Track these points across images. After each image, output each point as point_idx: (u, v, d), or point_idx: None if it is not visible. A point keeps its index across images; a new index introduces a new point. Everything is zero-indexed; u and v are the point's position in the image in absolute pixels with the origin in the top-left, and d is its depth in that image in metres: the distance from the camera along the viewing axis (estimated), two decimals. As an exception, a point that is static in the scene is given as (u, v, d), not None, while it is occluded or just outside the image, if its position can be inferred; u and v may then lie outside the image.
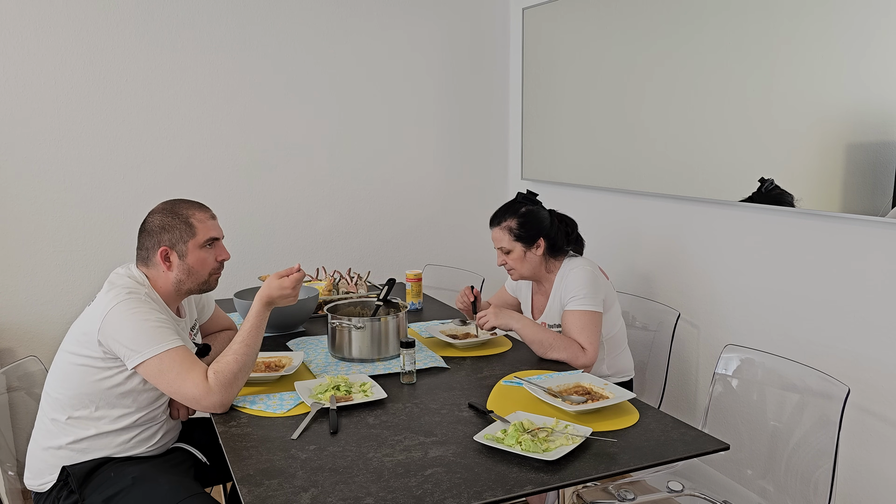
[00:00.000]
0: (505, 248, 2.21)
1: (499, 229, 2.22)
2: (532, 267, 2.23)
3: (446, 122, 3.53)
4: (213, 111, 3.07)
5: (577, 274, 2.17)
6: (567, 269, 2.22)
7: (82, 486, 1.68)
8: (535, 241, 2.20)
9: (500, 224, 2.22)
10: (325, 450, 1.49)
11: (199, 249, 1.77)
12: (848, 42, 1.98)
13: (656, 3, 2.61)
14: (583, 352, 2.05)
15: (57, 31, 2.78)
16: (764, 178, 2.04)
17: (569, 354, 2.04)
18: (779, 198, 2.23)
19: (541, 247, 2.21)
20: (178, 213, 1.77)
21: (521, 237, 2.19)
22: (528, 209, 2.22)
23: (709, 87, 2.43)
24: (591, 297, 2.12)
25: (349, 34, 3.25)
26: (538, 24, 3.31)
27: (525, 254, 2.21)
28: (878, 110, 1.93)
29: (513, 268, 2.23)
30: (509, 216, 2.21)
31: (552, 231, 2.23)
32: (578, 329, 2.09)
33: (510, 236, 2.20)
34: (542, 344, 2.06)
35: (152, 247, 1.76)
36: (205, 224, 1.79)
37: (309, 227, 3.33)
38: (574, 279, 2.16)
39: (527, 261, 2.21)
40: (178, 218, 1.76)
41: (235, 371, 1.66)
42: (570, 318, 2.12)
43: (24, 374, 2.00)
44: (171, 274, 1.76)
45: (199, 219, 1.78)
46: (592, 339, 2.07)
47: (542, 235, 2.20)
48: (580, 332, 2.08)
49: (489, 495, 1.30)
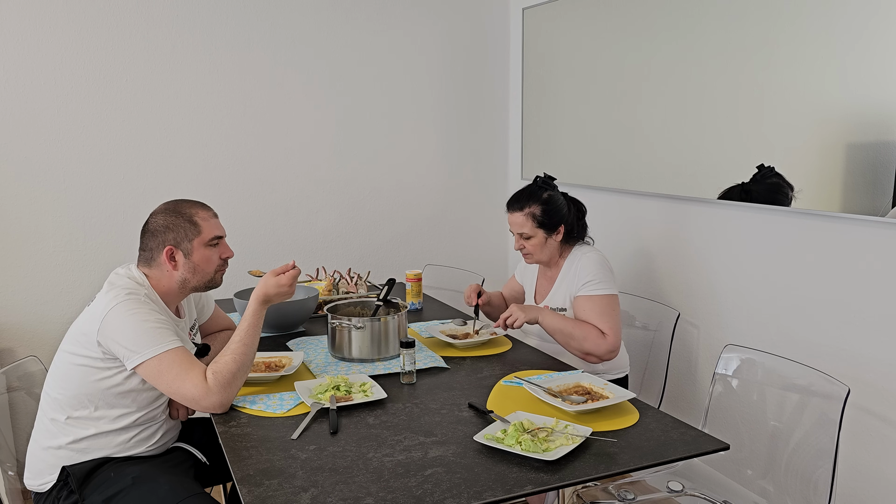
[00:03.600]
0: (526, 233, 2.21)
1: (521, 215, 2.21)
2: (550, 252, 2.24)
3: (446, 122, 3.53)
4: (213, 111, 3.07)
5: (589, 259, 2.18)
6: (578, 254, 2.24)
7: (82, 486, 1.68)
8: (557, 227, 2.22)
9: (522, 210, 2.21)
10: (325, 450, 1.49)
11: (205, 248, 1.78)
12: (848, 42, 1.98)
13: (656, 3, 2.61)
14: (603, 338, 2.07)
15: (57, 31, 2.78)
16: (763, 164, 2.03)
17: (591, 344, 2.06)
18: (775, 186, 2.22)
19: (560, 233, 2.23)
20: (181, 213, 1.78)
21: (543, 224, 2.20)
22: (549, 195, 2.23)
23: (709, 86, 2.43)
24: (607, 282, 2.14)
25: (349, 34, 3.25)
26: (538, 24, 3.31)
27: (546, 240, 2.22)
28: (878, 110, 1.93)
29: (530, 252, 2.24)
30: (533, 202, 2.21)
31: (570, 217, 2.25)
32: (597, 314, 2.10)
33: (533, 222, 2.20)
34: (563, 333, 2.08)
35: (156, 247, 1.76)
36: (209, 222, 1.80)
37: (309, 227, 3.33)
38: (587, 264, 2.17)
39: (547, 247, 2.23)
40: (182, 217, 1.77)
41: (234, 371, 1.66)
42: (587, 303, 2.13)
43: (24, 374, 2.00)
44: (176, 273, 1.77)
45: (202, 217, 1.79)
46: (612, 323, 2.10)
47: (562, 222, 2.22)
48: (599, 317, 2.10)
49: (489, 495, 1.30)
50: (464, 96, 3.54)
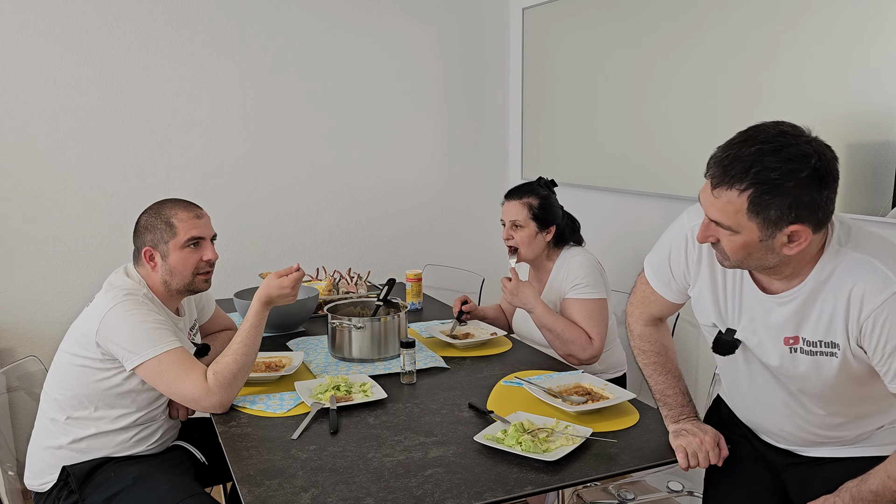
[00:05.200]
0: (518, 222, 2.21)
1: (518, 203, 2.21)
2: (536, 250, 2.24)
3: (446, 122, 3.53)
4: (213, 111, 3.07)
5: (579, 261, 2.18)
6: (567, 257, 2.24)
7: (82, 486, 1.68)
8: (549, 226, 2.22)
9: (520, 199, 2.21)
10: (326, 450, 1.49)
11: (181, 250, 1.75)
12: (848, 42, 1.98)
13: (657, 3, 2.61)
14: (590, 343, 2.08)
15: (57, 31, 2.77)
16: None
17: (577, 348, 2.07)
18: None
19: (551, 233, 2.23)
20: (160, 214, 1.76)
21: (537, 217, 2.20)
22: (548, 193, 2.24)
23: (709, 86, 2.43)
24: (595, 285, 2.14)
25: (349, 34, 3.25)
26: (538, 24, 3.31)
27: (536, 235, 2.21)
28: (878, 110, 1.93)
29: (517, 245, 2.23)
30: (532, 195, 2.21)
31: (562, 222, 2.26)
32: (585, 318, 2.11)
33: (528, 213, 2.20)
34: (552, 332, 2.08)
35: (140, 247, 1.77)
36: (186, 224, 1.75)
37: (309, 227, 3.33)
38: (576, 266, 2.17)
39: (535, 242, 2.22)
40: (160, 218, 1.75)
41: (235, 371, 1.66)
42: (576, 306, 2.13)
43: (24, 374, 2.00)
44: (155, 274, 1.76)
45: (181, 218, 1.75)
46: (600, 328, 2.10)
47: (555, 223, 2.22)
48: (587, 322, 2.10)
49: (489, 496, 1.30)
50: (464, 96, 3.54)
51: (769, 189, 1.18)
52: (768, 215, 1.20)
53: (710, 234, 1.30)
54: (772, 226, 1.21)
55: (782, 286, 1.33)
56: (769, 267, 1.29)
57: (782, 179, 1.17)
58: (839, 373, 1.32)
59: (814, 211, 1.20)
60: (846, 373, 1.32)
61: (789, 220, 1.20)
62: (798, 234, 1.21)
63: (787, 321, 1.34)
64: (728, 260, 1.31)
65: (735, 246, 1.26)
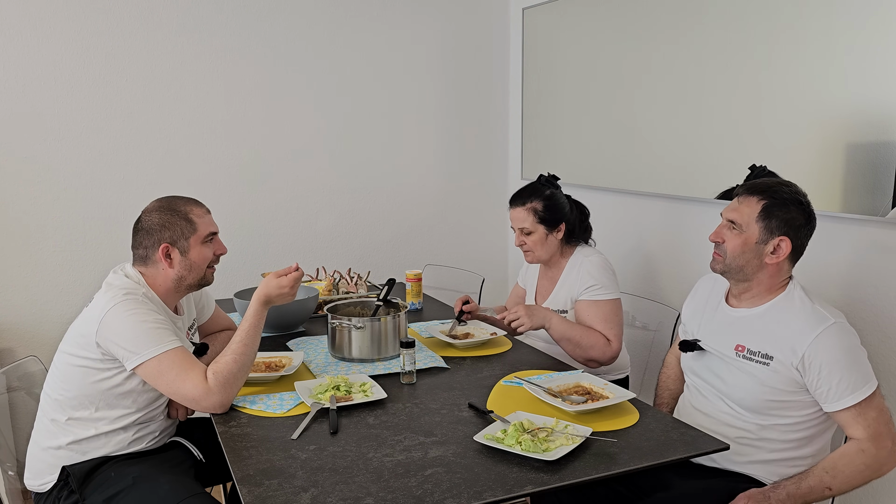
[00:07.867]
0: (527, 229, 2.21)
1: (523, 210, 2.21)
2: (550, 250, 2.24)
3: (446, 122, 3.53)
4: (213, 111, 3.07)
5: (592, 262, 2.19)
6: (581, 257, 2.23)
7: (82, 486, 1.68)
8: (558, 225, 2.22)
9: (524, 205, 2.21)
10: (325, 450, 1.49)
11: (201, 245, 1.78)
12: (848, 42, 1.98)
13: (656, 3, 2.61)
14: (608, 344, 2.10)
15: (57, 30, 2.78)
16: (755, 164, 2.03)
17: (597, 352, 2.09)
18: None
19: (561, 231, 2.23)
20: (176, 210, 1.77)
21: (545, 220, 2.20)
22: (552, 192, 2.23)
23: (709, 86, 2.43)
24: (609, 286, 2.16)
25: (349, 34, 3.25)
26: (538, 24, 3.31)
27: (546, 237, 2.22)
28: (878, 110, 1.93)
29: (531, 250, 2.23)
30: (535, 198, 2.21)
31: (571, 216, 2.25)
32: (601, 319, 2.12)
33: (534, 218, 2.20)
34: (571, 341, 2.09)
35: (152, 245, 1.76)
36: (203, 219, 1.80)
37: (309, 227, 3.33)
38: (590, 268, 2.17)
39: (547, 244, 2.22)
40: (177, 215, 1.77)
41: (234, 371, 1.66)
42: (592, 308, 2.13)
43: (24, 374, 2.00)
44: (171, 271, 1.76)
45: (197, 214, 1.79)
46: (616, 329, 2.12)
47: (563, 220, 2.22)
48: (603, 323, 2.11)
49: (489, 495, 1.30)
50: (464, 96, 3.54)
51: (779, 203, 1.61)
52: (770, 223, 1.61)
53: (721, 234, 1.68)
54: (769, 232, 1.62)
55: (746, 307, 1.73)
56: (747, 278, 1.67)
57: (789, 200, 1.61)
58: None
59: (798, 235, 1.63)
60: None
61: (782, 231, 1.61)
62: (780, 248, 1.61)
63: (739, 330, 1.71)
64: (723, 259, 1.68)
65: (736, 243, 1.65)
